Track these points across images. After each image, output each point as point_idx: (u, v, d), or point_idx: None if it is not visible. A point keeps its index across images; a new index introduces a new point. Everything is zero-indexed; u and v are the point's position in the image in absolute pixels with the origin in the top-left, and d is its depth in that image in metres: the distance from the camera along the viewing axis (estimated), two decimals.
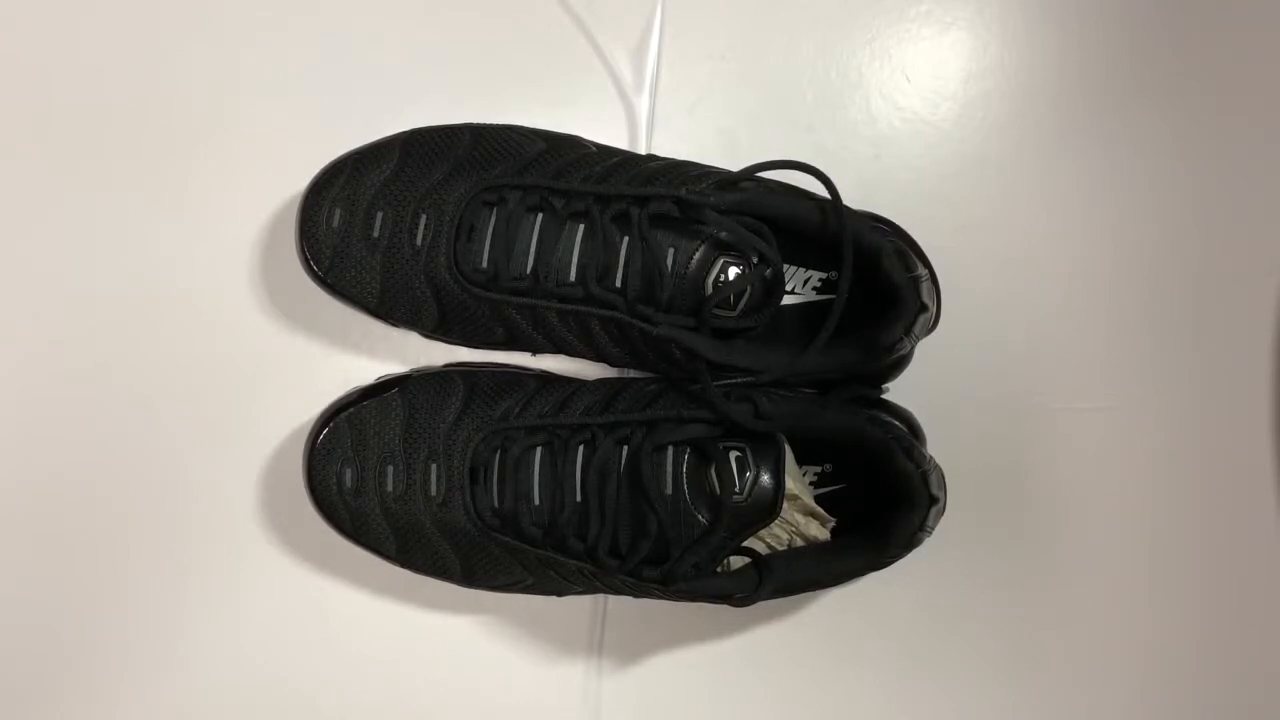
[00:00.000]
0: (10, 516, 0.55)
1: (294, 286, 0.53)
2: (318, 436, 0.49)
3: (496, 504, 0.48)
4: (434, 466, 0.48)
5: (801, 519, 0.49)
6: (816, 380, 0.50)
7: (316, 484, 0.49)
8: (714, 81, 0.56)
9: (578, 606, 0.56)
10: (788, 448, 0.46)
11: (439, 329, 0.50)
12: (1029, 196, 0.57)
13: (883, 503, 0.48)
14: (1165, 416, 0.57)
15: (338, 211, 0.48)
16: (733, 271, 0.47)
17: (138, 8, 0.55)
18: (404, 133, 0.50)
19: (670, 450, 0.47)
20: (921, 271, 0.48)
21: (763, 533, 0.48)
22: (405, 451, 0.49)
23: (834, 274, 0.51)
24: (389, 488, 0.49)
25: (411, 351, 0.55)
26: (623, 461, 0.47)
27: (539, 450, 0.48)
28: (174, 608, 0.55)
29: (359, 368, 0.55)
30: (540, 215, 0.47)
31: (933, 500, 0.47)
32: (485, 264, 0.47)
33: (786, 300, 0.51)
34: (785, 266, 0.49)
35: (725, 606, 0.46)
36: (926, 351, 0.52)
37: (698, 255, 0.47)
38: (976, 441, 0.56)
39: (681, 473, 0.47)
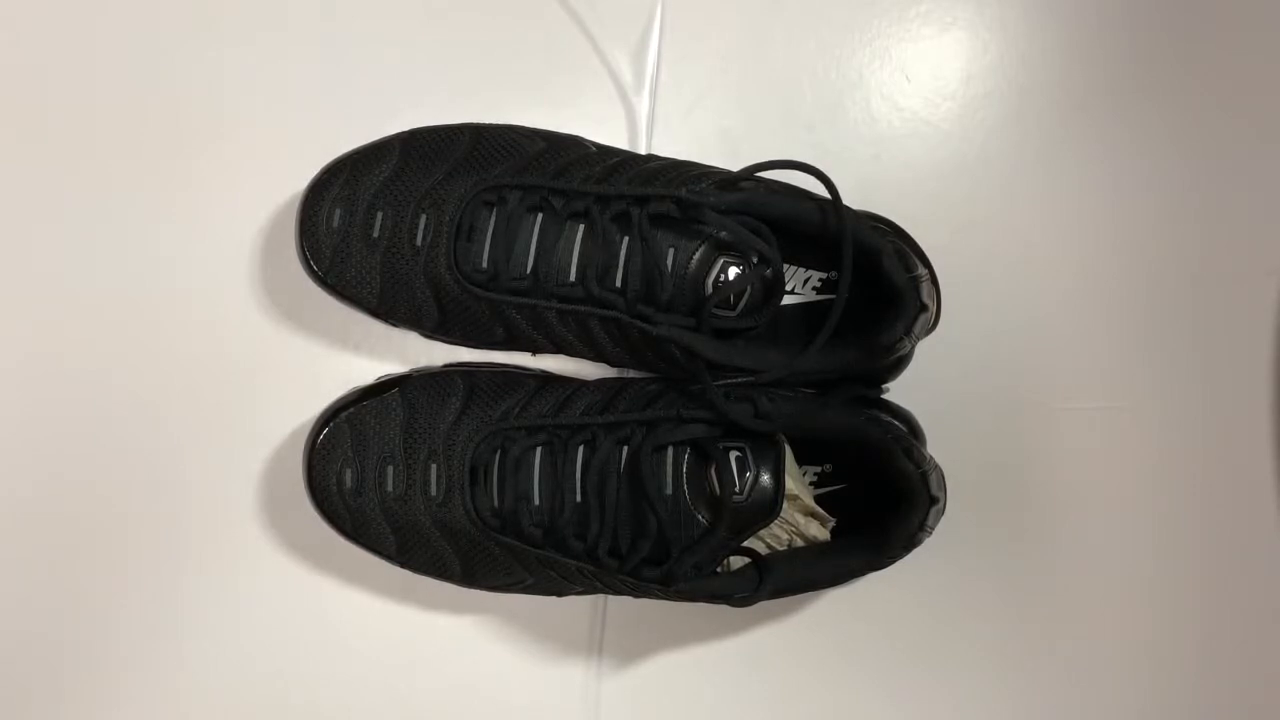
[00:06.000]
0: (10, 516, 0.55)
1: (294, 286, 0.53)
2: (318, 436, 0.49)
3: (496, 504, 0.48)
4: (434, 466, 0.48)
5: (801, 519, 0.49)
6: (816, 380, 0.50)
7: (316, 484, 0.49)
8: (714, 81, 0.56)
9: (578, 606, 0.56)
10: (788, 448, 0.46)
11: (439, 329, 0.50)
12: (1029, 196, 0.57)
13: (883, 503, 0.48)
14: (1165, 416, 0.57)
15: (338, 211, 0.48)
16: (733, 271, 0.47)
17: (137, 8, 0.55)
18: (404, 133, 0.50)
19: (670, 450, 0.47)
20: (921, 271, 0.48)
21: (763, 533, 0.48)
22: (405, 451, 0.49)
23: (834, 274, 0.51)
24: (389, 488, 0.49)
25: (411, 351, 0.55)
26: (623, 461, 0.47)
27: (539, 450, 0.48)
28: (174, 608, 0.55)
29: (359, 368, 0.55)
30: (540, 215, 0.47)
31: (933, 500, 0.47)
32: (485, 264, 0.47)
33: (786, 300, 0.51)
34: (785, 266, 0.49)
35: (725, 606, 0.46)
36: (926, 351, 0.52)
37: (698, 255, 0.47)
38: (976, 441, 0.56)
39: (681, 473, 0.47)
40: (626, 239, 0.46)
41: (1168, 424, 0.57)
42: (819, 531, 0.49)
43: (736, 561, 0.47)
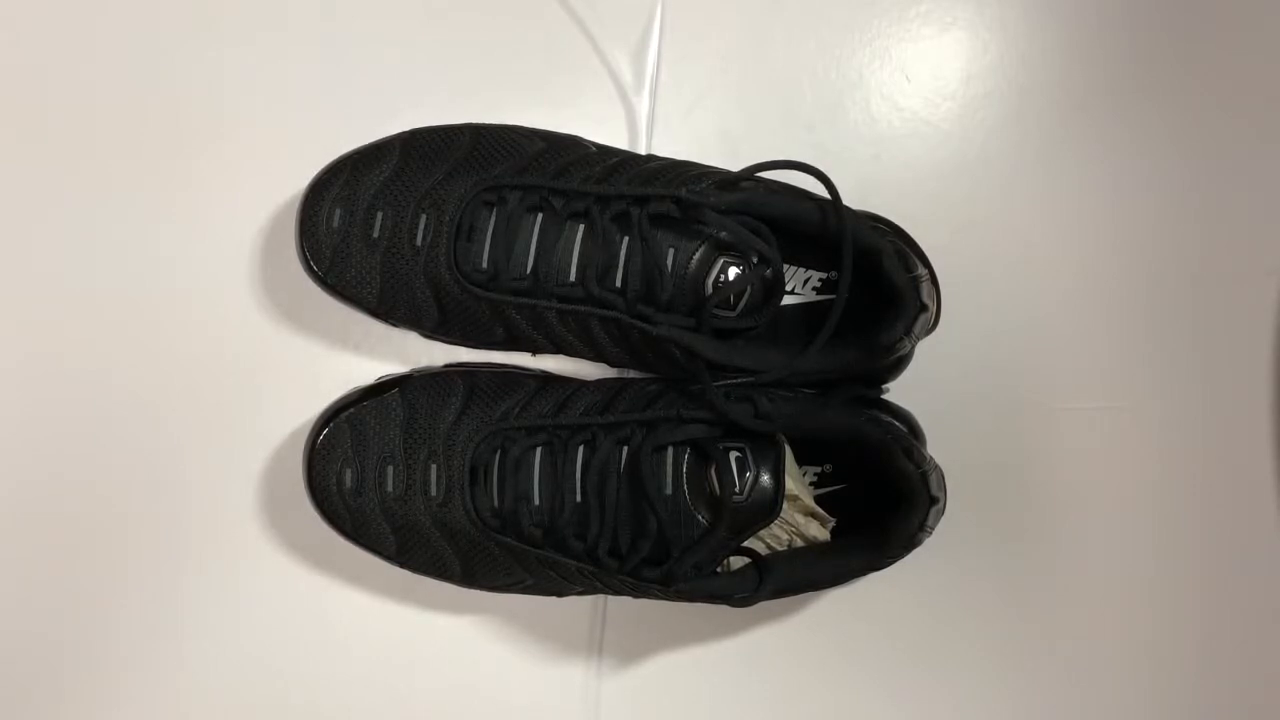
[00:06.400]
0: (10, 516, 0.55)
1: (294, 286, 0.53)
2: (318, 437, 0.49)
3: (496, 504, 0.48)
4: (434, 467, 0.48)
5: (801, 519, 0.49)
6: (816, 380, 0.50)
7: (316, 484, 0.49)
8: (714, 81, 0.56)
9: (578, 606, 0.56)
10: (788, 448, 0.46)
11: (439, 329, 0.50)
12: (1029, 196, 0.57)
13: (883, 503, 0.48)
14: (1165, 416, 0.57)
15: (338, 211, 0.48)
16: (733, 271, 0.47)
17: (137, 8, 0.55)
18: (404, 133, 0.50)
19: (670, 450, 0.47)
20: (921, 271, 0.48)
21: (763, 533, 0.48)
22: (405, 452, 0.49)
23: (834, 274, 0.51)
24: (389, 488, 0.49)
25: (411, 351, 0.55)
26: (623, 462, 0.47)
27: (539, 450, 0.48)
28: (174, 608, 0.55)
29: (359, 368, 0.55)
30: (540, 215, 0.47)
31: (933, 500, 0.47)
32: (485, 264, 0.47)
33: (786, 300, 0.51)
34: (785, 266, 0.49)
35: (725, 606, 0.46)
36: (926, 351, 0.52)
37: (698, 255, 0.47)
38: (976, 442, 0.56)
39: (681, 473, 0.47)
40: (626, 239, 0.46)
41: (1168, 424, 0.57)
42: (819, 531, 0.49)
43: (736, 561, 0.47)
